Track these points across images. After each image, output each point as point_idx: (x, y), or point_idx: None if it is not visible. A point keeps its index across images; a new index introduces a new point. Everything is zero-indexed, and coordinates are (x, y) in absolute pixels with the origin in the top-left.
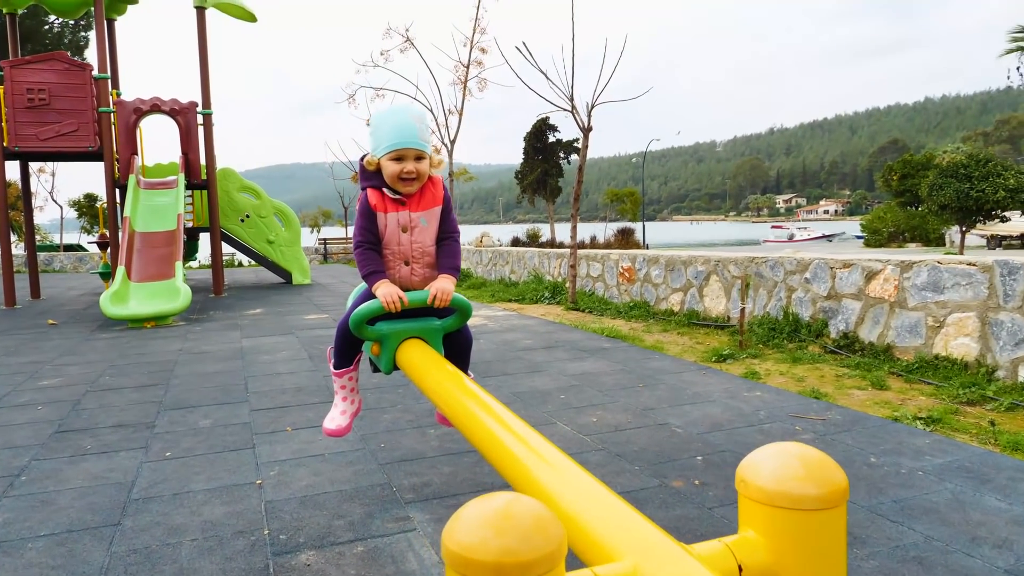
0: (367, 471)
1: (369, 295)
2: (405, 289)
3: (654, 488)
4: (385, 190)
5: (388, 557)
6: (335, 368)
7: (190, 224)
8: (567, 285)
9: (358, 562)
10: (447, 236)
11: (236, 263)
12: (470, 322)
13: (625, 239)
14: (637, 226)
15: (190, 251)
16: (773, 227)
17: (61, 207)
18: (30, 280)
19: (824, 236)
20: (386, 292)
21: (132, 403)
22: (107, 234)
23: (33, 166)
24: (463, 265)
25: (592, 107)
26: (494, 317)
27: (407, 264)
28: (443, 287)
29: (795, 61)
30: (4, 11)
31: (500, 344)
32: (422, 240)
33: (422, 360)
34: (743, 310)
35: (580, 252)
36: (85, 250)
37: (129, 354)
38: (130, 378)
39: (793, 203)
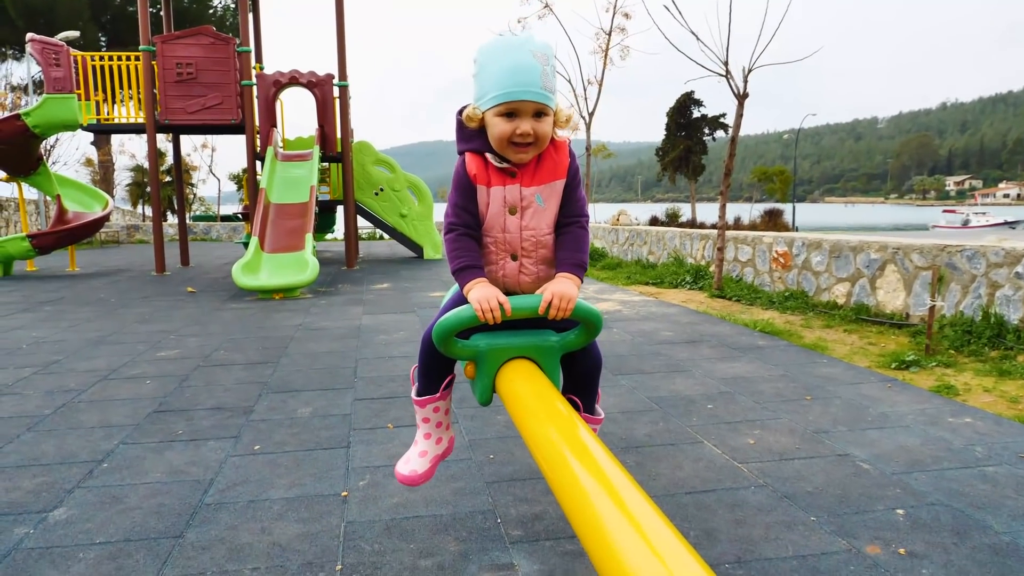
0: (470, 490)
1: (461, 299)
2: (510, 292)
3: (840, 554)
4: (489, 156)
5: None
6: (416, 395)
7: (326, 197)
8: (711, 269)
9: None
10: (572, 221)
11: (378, 236)
12: (604, 312)
13: (772, 221)
14: (785, 208)
15: (327, 223)
16: (945, 211)
17: (219, 179)
18: (180, 249)
19: (1007, 223)
20: (482, 296)
21: (238, 382)
22: (249, 205)
23: (197, 140)
24: (597, 244)
25: (749, 71)
26: (629, 302)
27: (515, 258)
28: (562, 290)
29: (976, 31)
30: None
31: (636, 335)
32: (537, 225)
33: (526, 391)
34: (932, 308)
35: (728, 233)
36: (240, 220)
37: (249, 327)
38: (243, 354)
39: (966, 185)
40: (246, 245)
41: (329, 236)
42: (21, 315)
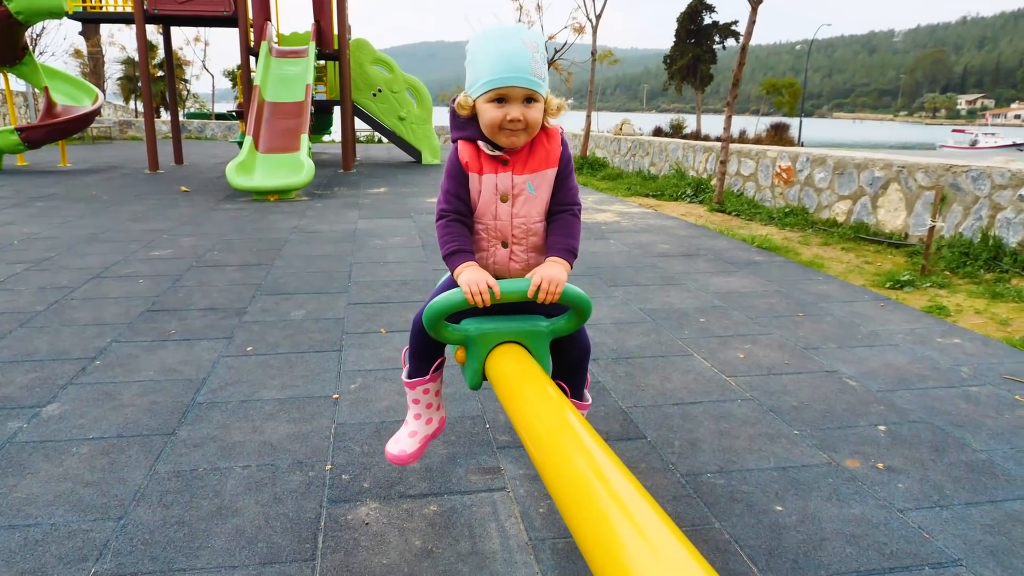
0: (460, 396)
1: (452, 284)
2: (500, 279)
3: (820, 467)
4: (481, 144)
5: (465, 526)
6: (407, 377)
7: (322, 96)
8: (713, 183)
9: (427, 528)
10: (564, 208)
11: (376, 139)
12: (602, 223)
13: (778, 135)
14: (792, 122)
15: (323, 125)
16: (954, 131)
17: (213, 75)
18: (174, 147)
19: (1015, 144)
20: (471, 279)
21: (231, 283)
22: (244, 103)
23: (189, 33)
24: (599, 153)
25: None
26: (628, 214)
27: (505, 245)
28: (551, 274)
29: None
30: None
31: (632, 247)
32: (527, 213)
33: (516, 375)
34: (932, 228)
35: (731, 147)
36: (235, 118)
37: (244, 228)
38: (237, 255)
39: (978, 104)
40: (240, 144)
41: (326, 138)
42: (12, 210)
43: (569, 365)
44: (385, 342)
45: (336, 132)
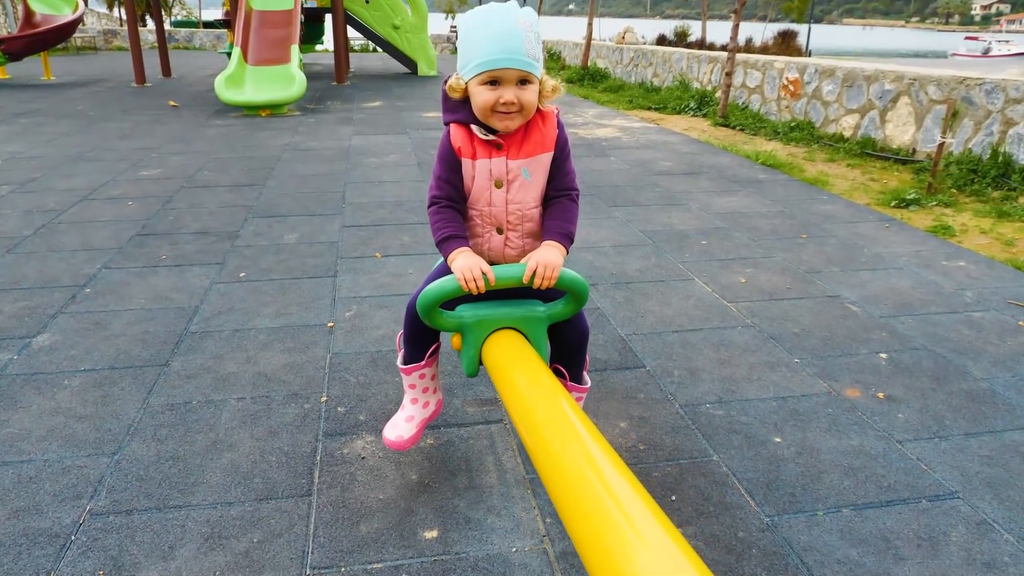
0: None
1: (446, 270)
2: (496, 264)
3: (819, 396)
4: (474, 128)
5: (462, 460)
6: (402, 363)
7: (313, 4)
8: (718, 95)
9: (424, 462)
10: (561, 194)
11: (371, 48)
12: (602, 138)
13: (785, 44)
14: (801, 28)
15: (315, 34)
16: (967, 38)
17: None
18: (160, 58)
19: None
20: (465, 265)
21: (223, 205)
22: (231, 11)
23: None
24: (600, 64)
25: None
26: (629, 129)
27: (500, 232)
28: (547, 259)
29: None
30: None
31: (633, 164)
32: (523, 199)
33: (512, 362)
34: (942, 144)
35: (737, 57)
36: (223, 27)
37: (235, 146)
38: (228, 174)
39: (993, 9)
40: (229, 55)
41: (318, 47)
42: None
43: (568, 349)
44: (380, 267)
45: (328, 41)
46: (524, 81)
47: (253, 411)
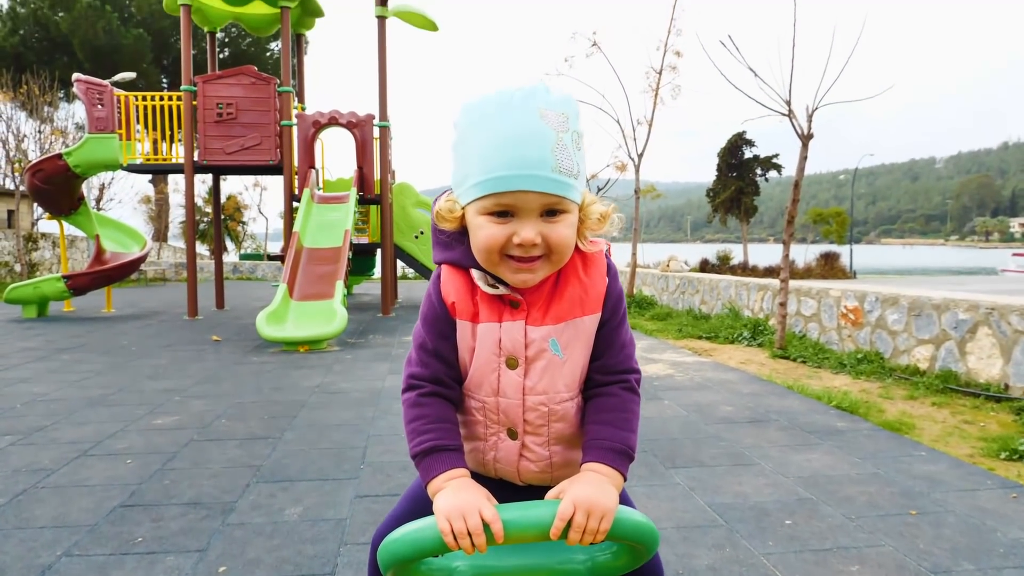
0: None
1: (422, 497)
2: (507, 485)
3: None
4: (475, 274)
5: None
6: None
7: (364, 240)
8: (771, 323)
9: None
10: (613, 379)
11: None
12: (653, 375)
13: (829, 264)
14: (842, 250)
15: (367, 266)
16: (1015, 255)
17: (267, 218)
18: (215, 290)
19: None
20: (454, 508)
21: (228, 465)
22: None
23: (247, 180)
24: (646, 291)
25: (814, 110)
26: (682, 364)
27: (513, 436)
28: (590, 499)
29: None
30: (205, 30)
31: (690, 410)
32: (550, 387)
33: None
34: None
35: (790, 284)
36: (282, 260)
37: (263, 388)
38: (245, 424)
39: None
40: None
41: (375, 276)
42: (34, 364)
43: None
44: None
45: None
46: (553, 211)
47: None
